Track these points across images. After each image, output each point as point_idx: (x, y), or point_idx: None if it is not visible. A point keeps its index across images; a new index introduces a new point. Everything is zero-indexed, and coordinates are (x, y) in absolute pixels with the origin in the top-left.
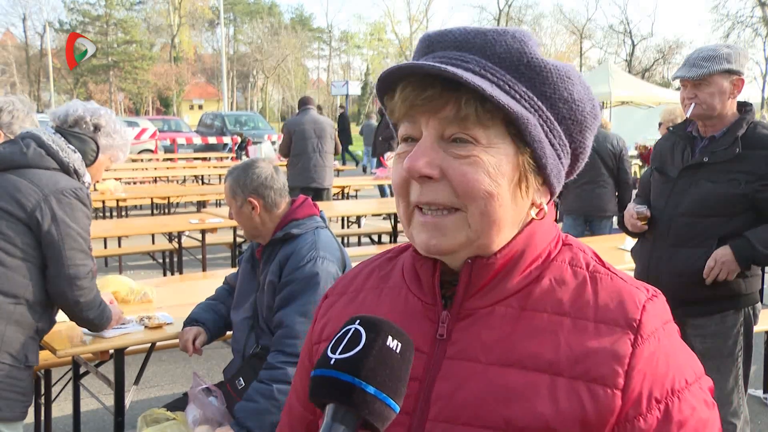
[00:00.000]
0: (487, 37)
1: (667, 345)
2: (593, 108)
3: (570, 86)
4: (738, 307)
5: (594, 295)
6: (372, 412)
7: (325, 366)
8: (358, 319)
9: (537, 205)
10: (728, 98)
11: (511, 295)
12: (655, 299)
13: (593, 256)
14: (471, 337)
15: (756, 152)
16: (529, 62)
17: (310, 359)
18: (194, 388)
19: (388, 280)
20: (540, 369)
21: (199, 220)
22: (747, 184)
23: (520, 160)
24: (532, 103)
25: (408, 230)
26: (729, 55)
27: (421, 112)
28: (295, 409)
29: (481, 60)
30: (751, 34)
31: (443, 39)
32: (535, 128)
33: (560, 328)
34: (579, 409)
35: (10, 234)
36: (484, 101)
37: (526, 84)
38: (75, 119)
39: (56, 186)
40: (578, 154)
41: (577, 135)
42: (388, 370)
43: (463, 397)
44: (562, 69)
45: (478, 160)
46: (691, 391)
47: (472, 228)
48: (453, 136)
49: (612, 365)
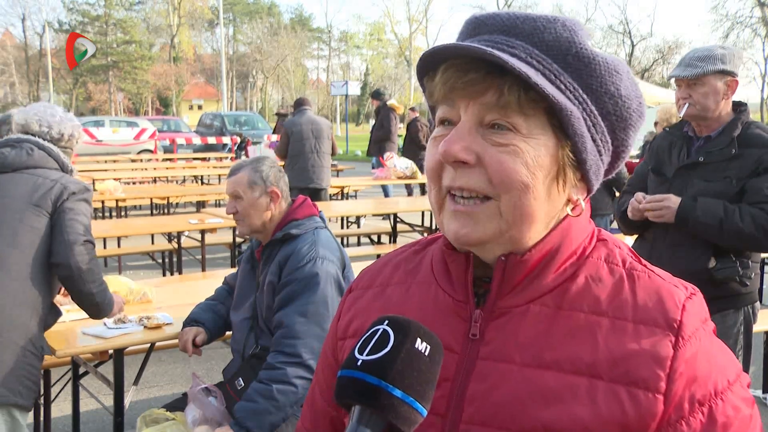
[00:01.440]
0: (537, 24)
1: (707, 345)
2: (639, 106)
3: (618, 81)
4: (738, 306)
5: (632, 293)
6: (398, 416)
7: (352, 367)
8: (386, 320)
9: (573, 201)
10: (722, 99)
11: (546, 293)
12: (694, 297)
13: (629, 252)
14: (505, 337)
15: (749, 151)
16: (577, 53)
17: (333, 355)
18: (194, 388)
19: (416, 275)
20: (578, 371)
21: (199, 220)
22: (738, 182)
23: (559, 153)
24: (577, 95)
25: (438, 218)
26: (724, 55)
27: (462, 95)
28: (318, 403)
29: (528, 47)
30: (751, 34)
31: (490, 22)
32: (578, 121)
33: (598, 329)
34: (619, 413)
35: (36, 226)
36: (527, 89)
37: (573, 75)
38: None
39: (65, 181)
40: (620, 152)
41: (620, 132)
42: (416, 373)
43: (498, 398)
44: (611, 62)
45: (517, 149)
46: (734, 390)
47: (503, 218)
48: (492, 122)
49: (653, 368)
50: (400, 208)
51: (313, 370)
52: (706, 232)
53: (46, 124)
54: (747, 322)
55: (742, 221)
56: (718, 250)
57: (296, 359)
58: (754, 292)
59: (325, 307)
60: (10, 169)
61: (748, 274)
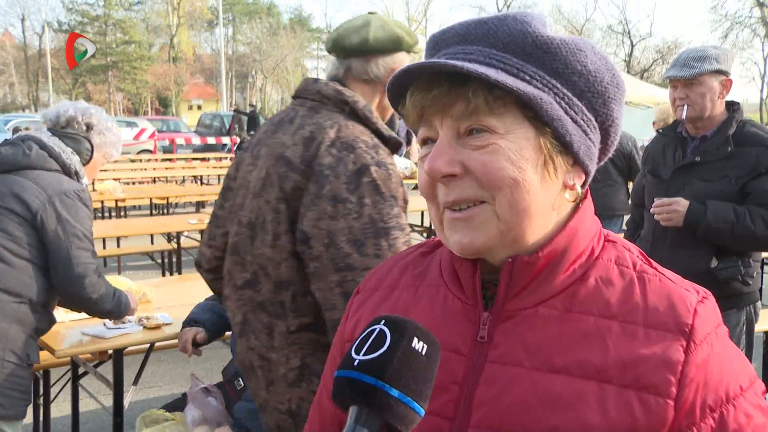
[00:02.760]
0: (489, 26)
1: (720, 350)
2: (613, 77)
3: (582, 58)
4: (740, 306)
5: (643, 297)
6: (395, 416)
7: (349, 367)
8: (383, 320)
9: (570, 186)
10: (717, 98)
11: (555, 295)
12: (706, 301)
13: (639, 254)
14: (514, 341)
15: (745, 149)
16: (534, 41)
17: (341, 356)
18: (193, 388)
19: (424, 278)
20: (588, 376)
21: (198, 220)
22: (738, 180)
23: (541, 141)
24: (545, 81)
25: (441, 234)
26: (718, 55)
27: (433, 112)
28: (326, 406)
29: (485, 49)
30: (750, 34)
31: (447, 35)
32: (550, 106)
33: (608, 333)
34: (629, 418)
35: (16, 234)
36: (492, 89)
37: (536, 64)
38: (67, 119)
39: (60, 187)
40: (608, 128)
41: (601, 108)
42: (412, 373)
43: (507, 403)
44: (571, 42)
45: (497, 147)
46: (746, 397)
47: (501, 220)
48: (468, 128)
49: (664, 373)
50: None
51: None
52: (717, 236)
53: (53, 115)
54: (749, 322)
55: (754, 224)
56: (719, 250)
57: None
58: (755, 292)
59: None
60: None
61: (750, 273)
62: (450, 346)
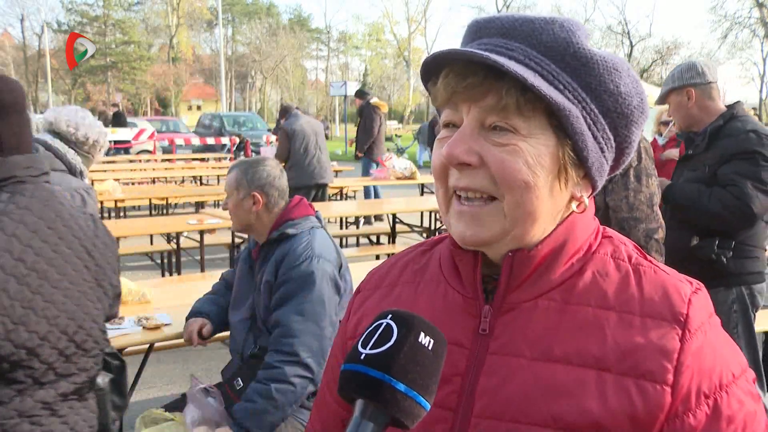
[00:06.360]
0: (534, 26)
1: (713, 339)
2: (641, 102)
3: (617, 78)
4: (728, 285)
5: (639, 288)
6: (402, 410)
7: (356, 361)
8: (390, 314)
9: (577, 199)
10: (692, 107)
11: (554, 288)
12: (699, 292)
13: (634, 248)
14: (514, 332)
15: (718, 142)
16: (575, 52)
17: (343, 355)
18: (193, 388)
19: (424, 274)
20: (587, 364)
21: (198, 220)
22: (710, 168)
23: (560, 152)
24: (576, 94)
25: (446, 218)
26: (674, 75)
27: (463, 99)
28: (328, 404)
29: (526, 48)
30: (749, 34)
31: (490, 25)
32: (577, 120)
33: (606, 323)
34: (628, 405)
35: None
36: (525, 91)
37: (571, 75)
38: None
39: (69, 186)
40: (623, 149)
41: (622, 129)
42: (419, 368)
43: (508, 392)
44: (610, 61)
45: (517, 148)
46: (738, 384)
47: (507, 218)
48: (493, 124)
49: (660, 361)
50: (400, 208)
51: (311, 369)
52: (684, 212)
53: (74, 126)
54: (741, 303)
55: (709, 201)
56: (700, 231)
57: (294, 358)
58: (749, 274)
59: (322, 306)
60: None
61: (725, 254)
62: (452, 339)
